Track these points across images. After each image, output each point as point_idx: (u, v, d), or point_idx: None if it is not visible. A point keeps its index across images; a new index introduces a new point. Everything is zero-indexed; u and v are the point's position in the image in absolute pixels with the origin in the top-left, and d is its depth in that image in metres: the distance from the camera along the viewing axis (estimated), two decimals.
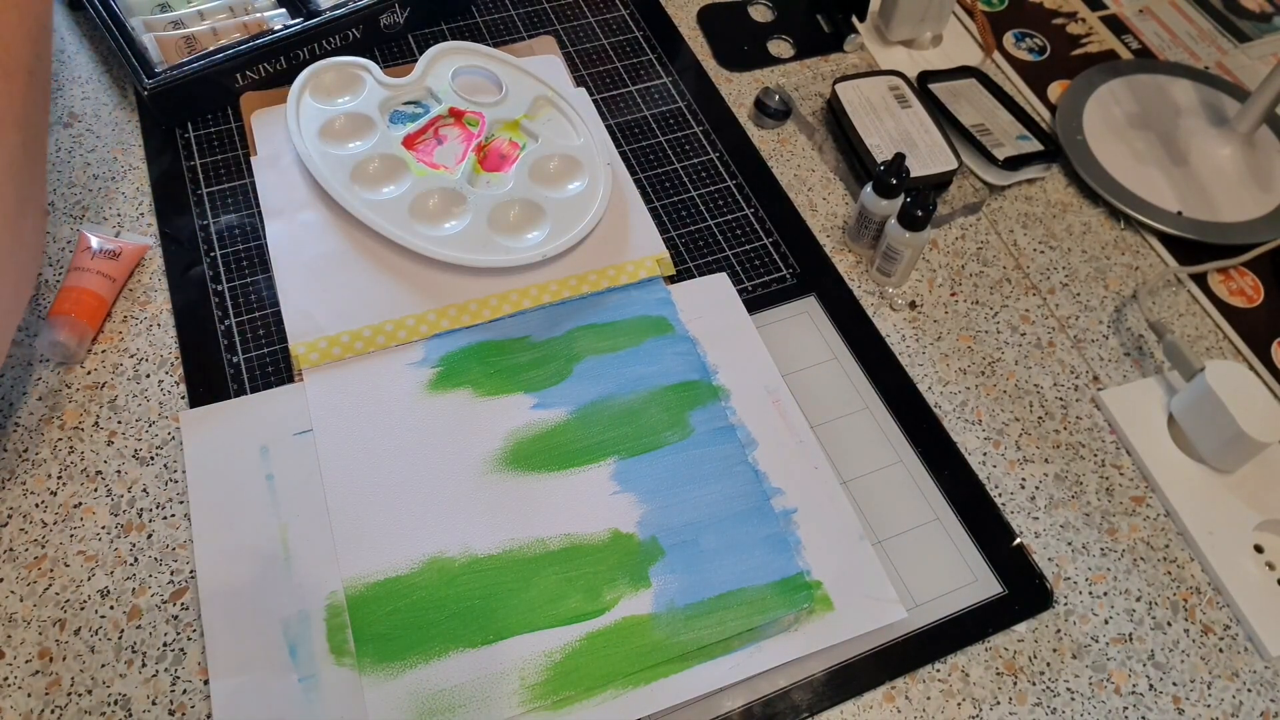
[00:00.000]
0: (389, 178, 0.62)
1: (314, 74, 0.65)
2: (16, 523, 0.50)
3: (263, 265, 0.60)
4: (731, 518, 0.53)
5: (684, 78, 0.75)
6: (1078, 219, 0.71)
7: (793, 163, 0.71)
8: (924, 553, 0.53)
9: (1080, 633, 0.52)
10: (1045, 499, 0.57)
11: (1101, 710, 0.50)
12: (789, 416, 0.57)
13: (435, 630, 0.47)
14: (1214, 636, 0.53)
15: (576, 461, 0.54)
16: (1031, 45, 0.83)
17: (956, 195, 0.71)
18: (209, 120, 0.67)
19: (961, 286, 0.66)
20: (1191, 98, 0.79)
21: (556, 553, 0.50)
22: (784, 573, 0.51)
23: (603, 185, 0.64)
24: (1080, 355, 0.64)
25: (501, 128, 0.66)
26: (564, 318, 0.60)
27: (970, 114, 0.74)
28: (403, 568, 0.49)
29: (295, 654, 0.46)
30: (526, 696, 0.46)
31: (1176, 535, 0.57)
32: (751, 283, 0.64)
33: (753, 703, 0.48)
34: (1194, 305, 0.68)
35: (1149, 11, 0.89)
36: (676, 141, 0.71)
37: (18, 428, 0.53)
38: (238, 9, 0.69)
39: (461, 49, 0.69)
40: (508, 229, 0.62)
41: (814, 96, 0.76)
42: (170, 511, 0.51)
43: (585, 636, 0.48)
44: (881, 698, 0.49)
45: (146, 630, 0.47)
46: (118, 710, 0.45)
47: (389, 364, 0.56)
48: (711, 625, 0.49)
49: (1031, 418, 0.60)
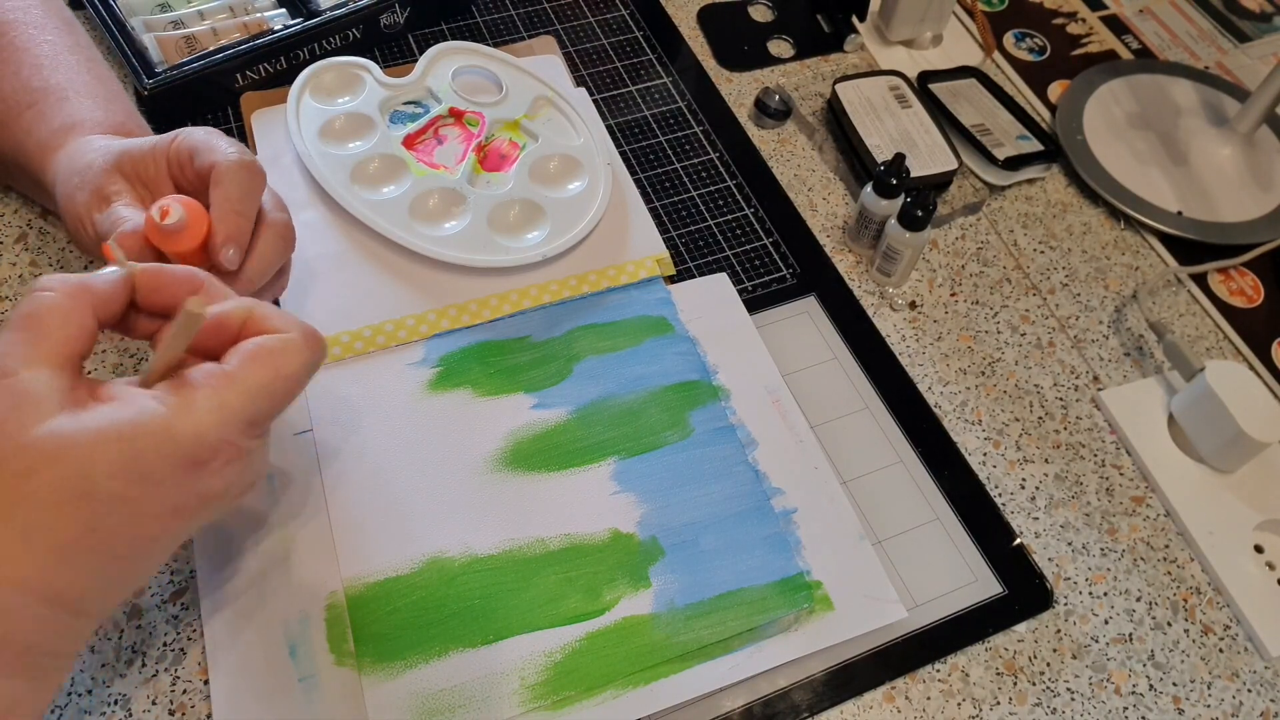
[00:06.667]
0: (389, 178, 0.62)
1: (314, 74, 0.65)
2: None
3: None
4: (731, 518, 0.53)
5: (684, 78, 0.75)
6: (1078, 219, 0.71)
7: (793, 163, 0.71)
8: (924, 553, 0.53)
9: (1080, 633, 0.52)
10: (1045, 499, 0.57)
11: (1101, 710, 0.50)
12: (789, 416, 0.57)
13: (435, 630, 0.47)
14: (1214, 636, 0.53)
15: (576, 461, 0.54)
16: (1032, 45, 0.83)
17: (956, 195, 0.71)
18: (209, 120, 0.67)
19: (961, 286, 0.66)
20: (1191, 98, 0.79)
21: (556, 553, 0.50)
22: (784, 573, 0.51)
23: (603, 185, 0.64)
24: (1080, 355, 0.64)
25: (501, 128, 0.66)
26: (564, 318, 0.60)
27: (970, 114, 0.74)
28: (403, 568, 0.49)
29: (295, 654, 0.46)
30: (526, 696, 0.46)
31: (1176, 535, 0.57)
32: (751, 283, 0.64)
33: (753, 703, 0.48)
34: (1194, 305, 0.68)
35: (1149, 11, 0.89)
36: (676, 141, 0.71)
37: None
38: (238, 9, 0.69)
39: (461, 49, 0.69)
40: (508, 229, 0.62)
41: (814, 96, 0.76)
42: None
43: (585, 636, 0.48)
44: (881, 698, 0.49)
45: (146, 630, 0.47)
46: (118, 710, 0.45)
47: (389, 364, 0.56)
48: (711, 625, 0.49)
49: (1031, 418, 0.60)
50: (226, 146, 0.48)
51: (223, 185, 0.46)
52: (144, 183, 0.49)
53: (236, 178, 0.47)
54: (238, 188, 0.47)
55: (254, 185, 0.48)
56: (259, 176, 0.48)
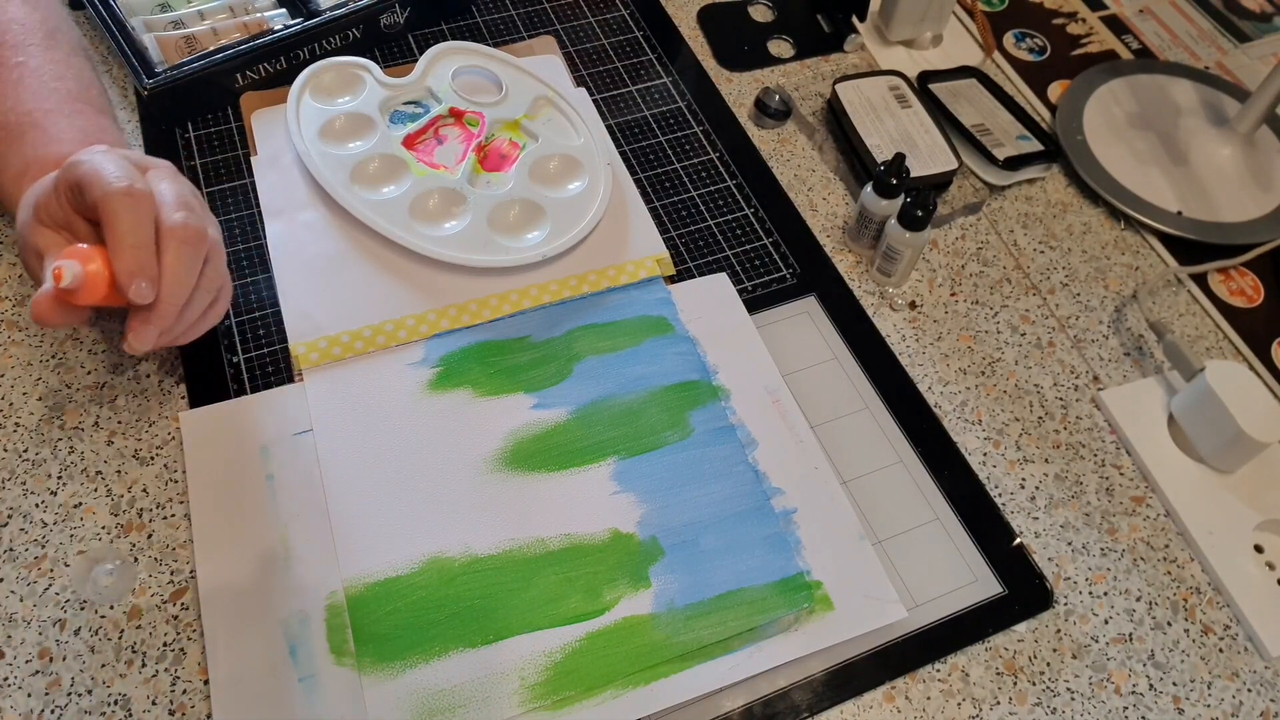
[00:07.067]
0: (389, 178, 0.62)
1: (314, 74, 0.65)
2: (16, 523, 0.50)
3: (263, 265, 0.60)
4: (731, 518, 0.53)
5: (684, 78, 0.75)
6: (1078, 219, 0.71)
7: (793, 163, 0.71)
8: (924, 553, 0.53)
9: (1080, 633, 0.52)
10: (1045, 499, 0.57)
11: (1101, 710, 0.50)
12: (789, 416, 0.57)
13: (435, 630, 0.47)
14: (1214, 636, 0.53)
15: (576, 461, 0.54)
16: (1031, 45, 0.83)
17: (956, 195, 0.71)
18: (209, 120, 0.67)
19: (961, 286, 0.66)
20: (1191, 98, 0.79)
21: (556, 553, 0.50)
22: (784, 573, 0.51)
23: (603, 185, 0.64)
24: (1080, 355, 0.64)
25: (501, 128, 0.66)
26: (564, 318, 0.60)
27: (970, 114, 0.74)
28: (403, 568, 0.49)
29: (295, 654, 0.46)
30: (526, 696, 0.46)
31: (1176, 535, 0.57)
32: (751, 283, 0.64)
33: (753, 703, 0.48)
34: (1194, 305, 0.68)
35: (1149, 11, 0.89)
36: (676, 141, 0.71)
37: (18, 428, 0.53)
38: (238, 9, 0.69)
39: (461, 49, 0.69)
40: (508, 229, 0.62)
41: (814, 96, 0.76)
42: (170, 511, 0.51)
43: (585, 636, 0.48)
44: (881, 698, 0.49)
45: (146, 630, 0.47)
46: (118, 710, 0.45)
47: (389, 364, 0.56)
48: (711, 625, 0.49)
49: (1031, 418, 0.60)
50: (111, 174, 0.45)
51: (111, 220, 0.44)
52: (61, 225, 0.47)
53: (122, 208, 0.44)
54: (127, 219, 0.45)
55: (142, 210, 0.45)
56: (145, 199, 0.45)
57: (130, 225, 0.45)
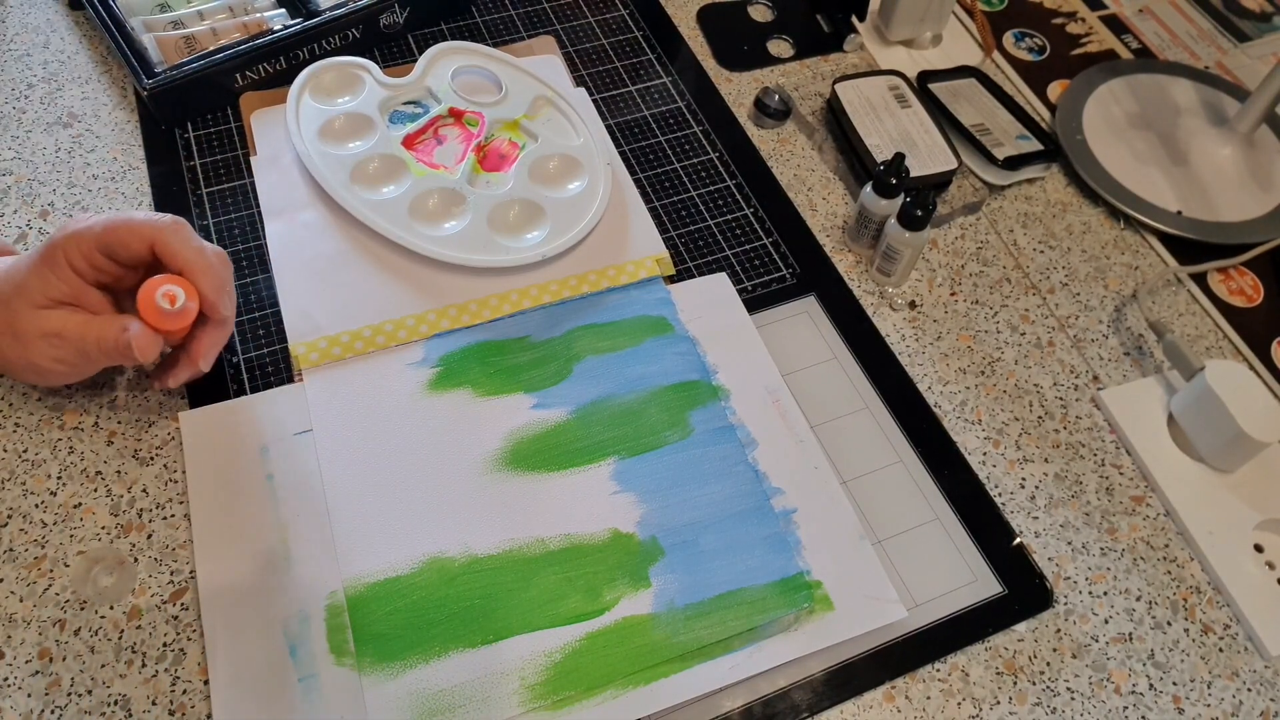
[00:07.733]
0: (389, 178, 0.62)
1: (314, 74, 0.65)
2: (16, 523, 0.50)
3: (262, 265, 0.60)
4: (731, 518, 0.53)
5: (684, 78, 0.75)
6: (1078, 219, 0.71)
7: (793, 163, 0.71)
8: (924, 553, 0.53)
9: (1080, 632, 0.52)
10: (1045, 499, 0.57)
11: (1101, 710, 0.50)
12: (789, 416, 0.57)
13: (435, 630, 0.47)
14: (1214, 636, 0.53)
15: (576, 461, 0.54)
16: (1031, 45, 0.83)
17: (956, 195, 0.71)
18: (209, 120, 0.67)
19: (961, 286, 0.66)
20: (1191, 98, 0.79)
21: (556, 553, 0.50)
22: (784, 573, 0.51)
23: (602, 185, 0.64)
24: (1080, 355, 0.64)
25: (501, 128, 0.66)
26: (564, 318, 0.60)
27: (970, 114, 0.74)
28: (403, 568, 0.49)
29: (295, 654, 0.46)
30: (526, 696, 0.46)
31: (1176, 535, 0.57)
32: (751, 283, 0.64)
33: (753, 703, 0.48)
34: (1194, 305, 0.68)
35: (1149, 11, 0.89)
36: (676, 141, 0.71)
37: (18, 428, 0.53)
38: (238, 9, 0.69)
39: (461, 49, 0.69)
40: (507, 229, 0.62)
41: (814, 96, 0.76)
42: (170, 511, 0.51)
43: (585, 636, 0.48)
44: (881, 697, 0.49)
45: (146, 630, 0.47)
46: (118, 710, 0.45)
47: (389, 364, 0.56)
48: (711, 625, 0.49)
49: (1031, 417, 0.60)
50: (141, 218, 0.48)
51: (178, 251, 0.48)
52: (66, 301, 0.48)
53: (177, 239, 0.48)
54: (191, 246, 0.49)
55: (191, 236, 0.49)
56: (186, 226, 0.49)
57: (195, 251, 0.49)
